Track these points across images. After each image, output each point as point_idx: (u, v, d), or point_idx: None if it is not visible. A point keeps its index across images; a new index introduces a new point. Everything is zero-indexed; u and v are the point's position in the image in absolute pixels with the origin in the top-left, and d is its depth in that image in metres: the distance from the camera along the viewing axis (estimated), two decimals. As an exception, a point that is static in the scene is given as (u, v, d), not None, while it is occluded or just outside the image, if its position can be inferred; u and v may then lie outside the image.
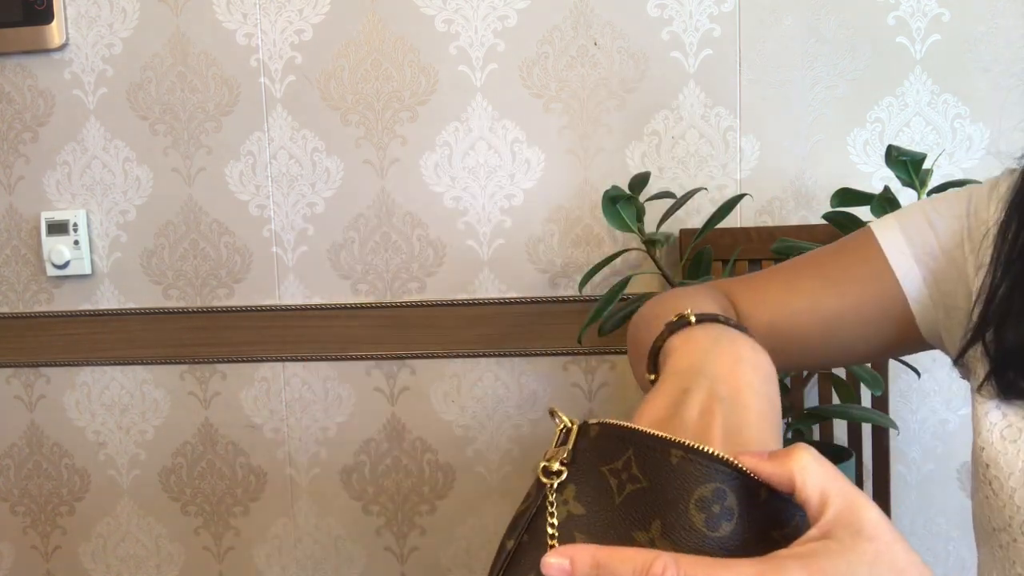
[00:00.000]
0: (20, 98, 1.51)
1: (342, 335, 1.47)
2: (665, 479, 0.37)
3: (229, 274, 1.50)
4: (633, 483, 0.38)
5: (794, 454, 0.37)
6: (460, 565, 1.50)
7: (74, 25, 1.48)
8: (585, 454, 0.40)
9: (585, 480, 0.39)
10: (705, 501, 0.36)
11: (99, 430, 1.57)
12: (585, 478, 0.39)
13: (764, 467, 0.37)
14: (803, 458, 0.36)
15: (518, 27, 1.38)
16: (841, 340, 0.63)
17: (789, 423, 1.16)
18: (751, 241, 1.31)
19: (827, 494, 0.36)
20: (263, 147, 1.46)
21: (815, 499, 0.36)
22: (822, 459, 0.37)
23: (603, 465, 0.39)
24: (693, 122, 1.36)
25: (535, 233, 1.41)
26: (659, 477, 0.37)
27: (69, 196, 1.52)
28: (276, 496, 1.54)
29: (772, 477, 0.37)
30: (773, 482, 0.37)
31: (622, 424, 0.39)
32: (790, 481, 0.36)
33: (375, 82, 1.42)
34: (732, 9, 1.33)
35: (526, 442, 1.46)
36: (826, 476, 0.36)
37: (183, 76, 1.46)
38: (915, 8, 1.30)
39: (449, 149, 1.42)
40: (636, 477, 0.38)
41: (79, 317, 1.54)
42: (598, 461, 0.39)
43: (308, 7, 1.42)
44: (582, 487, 0.39)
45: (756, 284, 0.66)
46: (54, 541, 1.62)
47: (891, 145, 1.09)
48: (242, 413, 1.52)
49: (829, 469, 0.36)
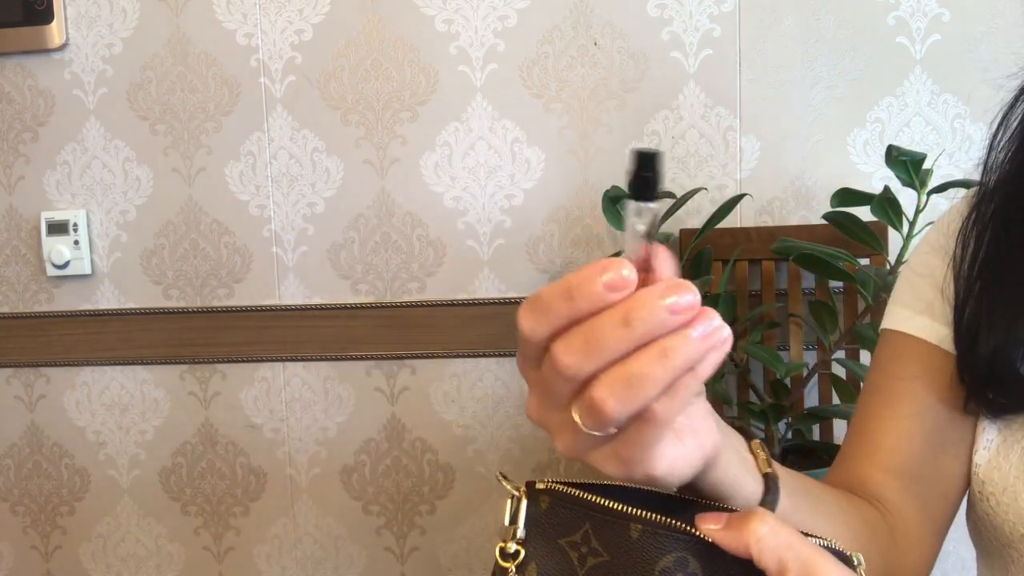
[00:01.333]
0: (20, 98, 1.51)
1: (342, 335, 1.47)
2: (627, 553, 0.37)
3: (229, 274, 1.50)
4: (595, 556, 0.38)
5: (750, 524, 0.37)
6: (460, 565, 1.50)
7: (74, 25, 1.48)
8: (541, 527, 0.39)
9: (546, 556, 0.39)
10: (668, 571, 0.36)
11: (99, 430, 1.57)
12: (545, 553, 0.39)
13: (720, 536, 0.37)
14: (758, 529, 0.36)
15: (518, 27, 1.38)
16: (949, 437, 0.59)
17: (789, 423, 1.16)
18: (751, 241, 1.32)
19: (784, 562, 0.36)
20: (263, 147, 1.46)
21: (772, 568, 0.36)
22: (780, 524, 0.37)
23: (561, 538, 0.39)
24: (693, 122, 1.36)
25: (535, 233, 1.41)
26: (620, 551, 0.37)
27: (69, 196, 1.52)
28: (276, 496, 1.54)
29: (729, 546, 0.37)
30: (731, 550, 0.37)
31: (572, 494, 0.39)
32: (747, 550, 0.36)
33: (375, 82, 1.42)
34: (732, 9, 1.33)
35: (526, 442, 1.46)
36: (781, 543, 0.36)
37: (183, 76, 1.46)
38: (915, 8, 1.30)
39: (449, 149, 1.42)
40: (597, 551, 0.38)
41: (79, 317, 1.54)
42: (555, 534, 0.39)
43: (308, 7, 1.42)
44: (543, 563, 0.39)
45: (844, 451, 0.64)
46: (54, 541, 1.62)
47: (891, 145, 1.09)
48: (242, 413, 1.52)
49: (785, 535, 0.37)
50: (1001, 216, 0.56)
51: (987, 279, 0.55)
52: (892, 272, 1.10)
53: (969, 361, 0.54)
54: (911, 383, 0.59)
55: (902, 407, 0.59)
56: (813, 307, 1.16)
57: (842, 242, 1.17)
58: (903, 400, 0.59)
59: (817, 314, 1.15)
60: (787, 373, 1.12)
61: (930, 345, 0.59)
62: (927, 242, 0.63)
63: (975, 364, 0.54)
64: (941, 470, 0.59)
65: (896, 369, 0.60)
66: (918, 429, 0.58)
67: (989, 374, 0.53)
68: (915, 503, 0.59)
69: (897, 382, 0.60)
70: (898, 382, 0.60)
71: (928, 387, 0.58)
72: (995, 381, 0.53)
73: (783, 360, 1.10)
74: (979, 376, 0.54)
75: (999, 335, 0.53)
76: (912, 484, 0.58)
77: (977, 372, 0.54)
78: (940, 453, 0.58)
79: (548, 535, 0.39)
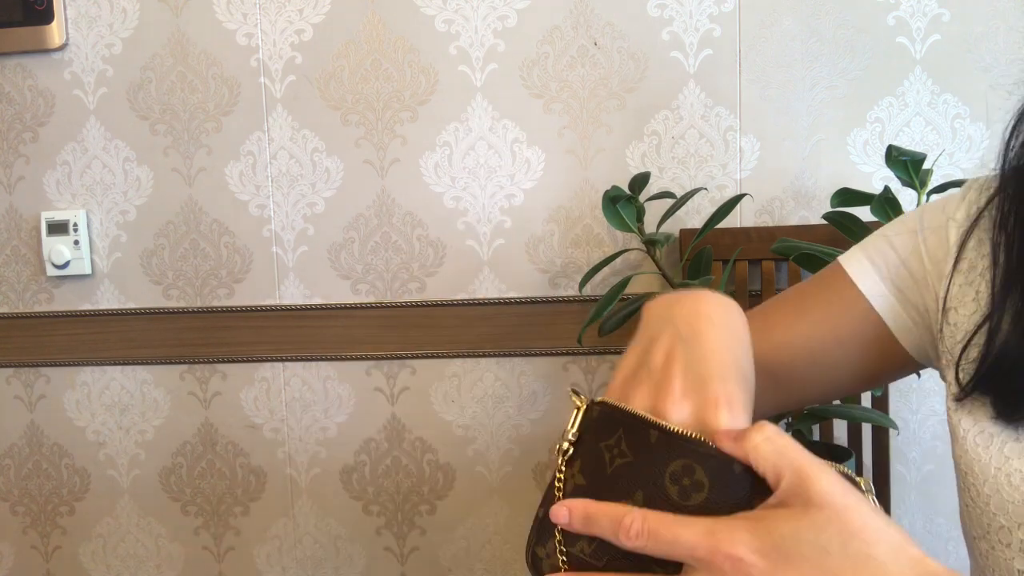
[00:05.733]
0: (20, 98, 1.51)
1: (342, 335, 1.47)
2: (645, 455, 0.42)
3: (229, 274, 1.50)
4: (621, 457, 0.43)
5: (748, 434, 0.40)
6: (460, 565, 1.51)
7: (74, 25, 1.48)
8: (589, 432, 0.46)
9: (588, 454, 0.45)
10: (676, 475, 0.41)
11: (99, 430, 1.57)
12: (588, 453, 0.45)
13: (725, 445, 0.41)
14: (754, 437, 0.40)
15: (518, 27, 1.38)
16: (826, 368, 0.63)
17: (789, 423, 1.16)
18: (751, 241, 1.32)
19: (779, 468, 0.39)
20: (263, 147, 1.46)
21: (770, 475, 0.39)
22: (777, 434, 0.40)
23: (601, 441, 0.45)
24: (693, 122, 1.36)
25: (535, 233, 1.41)
26: (640, 453, 0.43)
27: (69, 196, 1.52)
28: (276, 496, 1.54)
29: (734, 455, 0.40)
30: (738, 458, 0.40)
31: (616, 405, 0.45)
32: (746, 457, 0.40)
33: (375, 82, 1.42)
34: (732, 9, 1.33)
35: (526, 442, 1.46)
36: (777, 451, 0.39)
37: (183, 76, 1.46)
38: (915, 8, 1.30)
39: (449, 149, 1.42)
40: (624, 452, 0.43)
41: (79, 317, 1.54)
42: (598, 438, 0.45)
43: (308, 7, 1.42)
44: (585, 461, 0.45)
45: None
46: (54, 541, 1.62)
47: (891, 145, 1.09)
48: (242, 413, 1.52)
49: (781, 443, 0.40)
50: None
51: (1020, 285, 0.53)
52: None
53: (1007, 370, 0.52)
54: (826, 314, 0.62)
55: (803, 327, 0.63)
56: (813, 307, 1.16)
57: (842, 242, 1.17)
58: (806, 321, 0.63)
59: (817, 314, 1.14)
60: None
61: (871, 307, 0.61)
62: (907, 220, 0.62)
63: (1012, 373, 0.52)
64: (802, 381, 0.63)
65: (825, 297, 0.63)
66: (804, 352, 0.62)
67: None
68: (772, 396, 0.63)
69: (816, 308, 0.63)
70: (817, 309, 0.63)
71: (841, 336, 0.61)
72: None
73: (783, 360, 1.10)
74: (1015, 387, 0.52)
75: None
76: (772, 382, 0.61)
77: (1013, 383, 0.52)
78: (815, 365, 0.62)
79: (594, 438, 0.45)
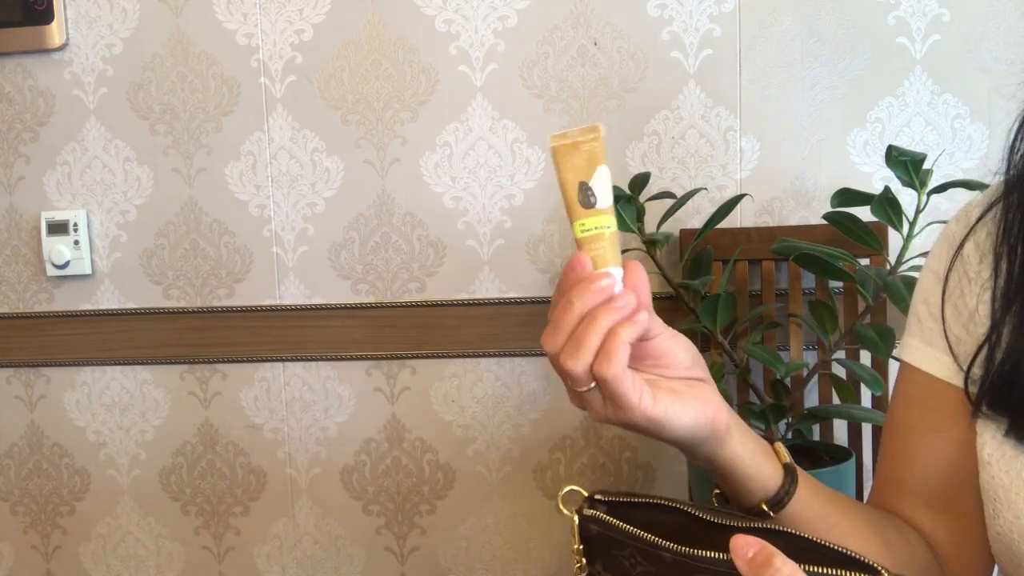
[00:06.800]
0: (20, 98, 1.51)
1: (342, 335, 1.47)
2: (664, 568, 0.45)
3: (229, 274, 1.50)
4: (643, 566, 0.46)
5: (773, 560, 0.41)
6: (460, 565, 1.50)
7: (74, 25, 1.48)
8: (595, 544, 0.49)
9: (606, 559, 0.48)
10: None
11: (99, 430, 1.57)
12: (605, 558, 0.48)
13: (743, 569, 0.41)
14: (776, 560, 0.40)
15: (518, 27, 1.38)
16: (965, 462, 0.59)
17: (789, 423, 1.16)
18: (751, 241, 1.32)
19: None
20: (263, 147, 1.46)
21: None
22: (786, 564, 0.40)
23: (615, 551, 0.48)
24: (693, 122, 1.36)
25: (535, 233, 1.41)
26: (660, 566, 0.45)
27: (69, 196, 1.52)
28: (276, 496, 1.54)
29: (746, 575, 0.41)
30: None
31: (613, 524, 0.48)
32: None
33: (375, 82, 1.42)
34: (732, 9, 1.33)
35: (526, 442, 1.46)
36: None
37: (183, 76, 1.46)
38: (915, 8, 1.30)
39: (449, 149, 1.42)
40: (642, 563, 0.46)
41: (79, 317, 1.54)
42: (608, 548, 0.48)
43: (308, 7, 1.42)
44: (606, 564, 0.48)
45: (875, 484, 0.65)
46: (54, 541, 1.62)
47: (891, 145, 1.09)
48: (242, 413, 1.52)
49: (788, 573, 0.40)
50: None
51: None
52: (892, 272, 1.10)
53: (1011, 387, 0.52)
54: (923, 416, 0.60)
55: (920, 444, 0.60)
56: (813, 307, 1.16)
57: (842, 242, 1.17)
58: (920, 437, 0.60)
59: (817, 314, 1.15)
60: (787, 373, 1.12)
61: (935, 379, 0.59)
62: (927, 267, 0.62)
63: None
64: (966, 495, 0.58)
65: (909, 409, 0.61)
66: (940, 461, 0.59)
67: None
68: (947, 529, 0.59)
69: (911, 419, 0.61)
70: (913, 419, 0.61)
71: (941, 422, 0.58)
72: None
73: (783, 360, 1.10)
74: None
75: None
76: (942, 511, 0.59)
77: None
78: (961, 479, 0.58)
79: (603, 548, 0.48)
